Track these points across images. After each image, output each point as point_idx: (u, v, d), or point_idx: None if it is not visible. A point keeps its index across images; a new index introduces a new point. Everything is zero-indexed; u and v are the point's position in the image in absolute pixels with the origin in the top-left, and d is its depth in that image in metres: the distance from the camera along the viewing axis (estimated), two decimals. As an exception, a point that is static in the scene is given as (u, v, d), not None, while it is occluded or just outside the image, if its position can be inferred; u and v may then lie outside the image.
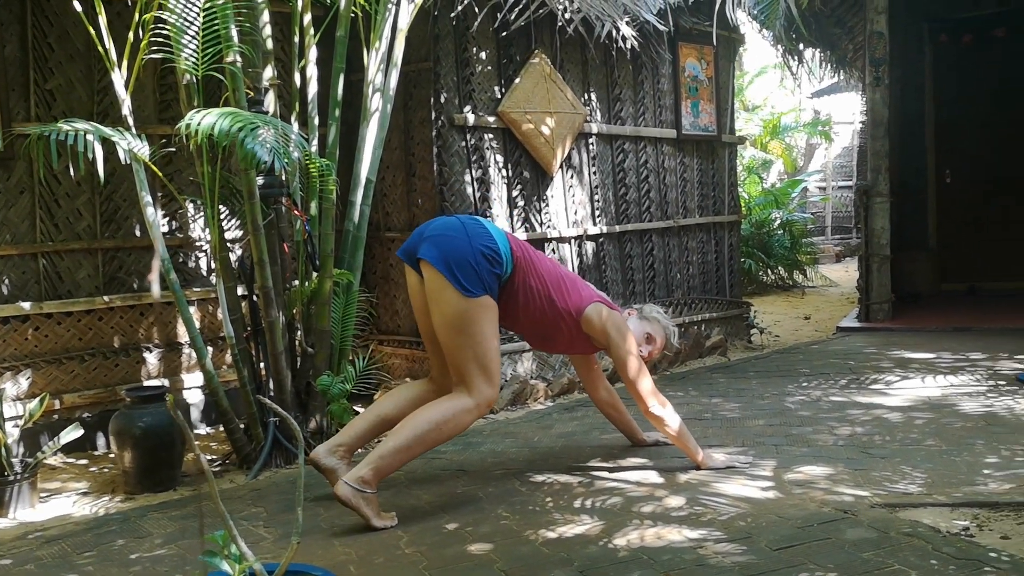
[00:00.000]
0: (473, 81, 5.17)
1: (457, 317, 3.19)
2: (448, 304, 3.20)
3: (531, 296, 3.40)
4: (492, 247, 3.26)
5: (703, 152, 6.74)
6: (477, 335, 3.20)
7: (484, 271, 3.22)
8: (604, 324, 3.47)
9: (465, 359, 3.21)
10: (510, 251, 3.33)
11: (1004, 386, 4.82)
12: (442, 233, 3.29)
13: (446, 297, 3.20)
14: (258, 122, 3.45)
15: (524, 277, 3.37)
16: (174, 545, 3.06)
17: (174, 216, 4.83)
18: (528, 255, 3.42)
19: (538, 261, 3.46)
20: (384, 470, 3.15)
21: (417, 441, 3.17)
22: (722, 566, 2.55)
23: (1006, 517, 2.86)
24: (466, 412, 3.22)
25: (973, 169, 9.07)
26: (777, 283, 11.22)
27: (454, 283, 3.17)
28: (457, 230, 3.29)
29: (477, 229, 3.30)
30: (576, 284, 3.57)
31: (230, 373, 4.59)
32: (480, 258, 3.22)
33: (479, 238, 3.26)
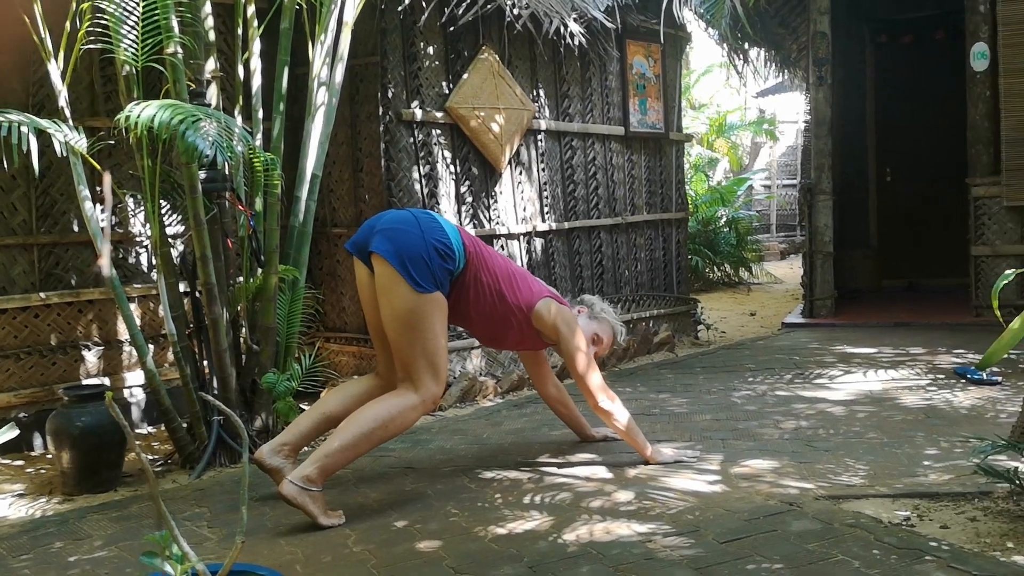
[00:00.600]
0: (421, 76, 5.13)
1: (408, 312, 3.16)
2: (399, 299, 3.16)
3: (482, 291, 3.38)
4: (445, 242, 3.24)
5: (651, 149, 6.78)
6: (427, 331, 3.18)
7: (436, 266, 3.19)
8: (554, 320, 3.46)
9: (414, 355, 3.18)
10: (463, 246, 3.31)
11: (943, 380, 4.92)
12: (394, 226, 3.25)
13: (398, 292, 3.16)
14: (200, 115, 3.38)
15: (476, 272, 3.35)
16: (114, 547, 2.99)
17: (113, 211, 4.71)
18: (480, 250, 3.40)
19: (489, 257, 3.44)
20: (330, 468, 3.11)
21: (363, 438, 3.13)
22: (671, 559, 2.56)
23: (945, 507, 2.92)
24: (412, 409, 3.20)
25: (912, 168, 9.28)
26: (723, 280, 11.35)
27: (406, 278, 3.14)
28: (410, 223, 3.25)
29: (430, 223, 3.27)
30: (527, 280, 3.56)
31: (172, 371, 4.49)
32: (433, 253, 3.19)
33: (432, 232, 3.23)
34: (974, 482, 3.07)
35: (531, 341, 3.60)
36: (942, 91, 8.58)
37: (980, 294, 6.80)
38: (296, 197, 4.31)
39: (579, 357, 3.47)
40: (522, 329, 3.50)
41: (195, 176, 3.78)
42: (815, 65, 7.49)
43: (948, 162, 8.40)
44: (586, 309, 3.75)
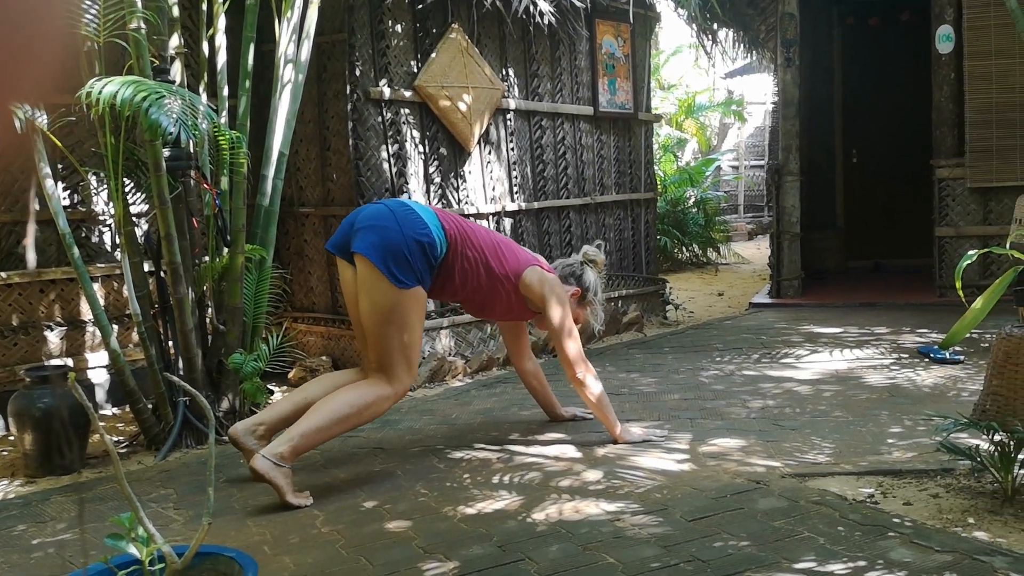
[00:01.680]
0: (389, 54, 5.08)
1: (388, 308, 3.20)
2: (380, 294, 3.20)
3: (469, 267, 3.41)
4: (425, 232, 3.26)
5: (620, 130, 6.78)
6: (405, 326, 3.22)
7: (418, 260, 3.23)
8: (541, 288, 3.52)
9: (390, 348, 3.22)
10: (443, 230, 3.32)
11: (907, 359, 4.99)
12: (373, 224, 3.26)
13: (379, 288, 3.20)
14: (163, 91, 3.33)
15: (460, 251, 3.38)
16: (78, 529, 2.95)
17: (76, 189, 4.63)
18: (461, 228, 3.42)
19: (472, 232, 3.47)
20: (301, 448, 3.11)
21: (336, 422, 3.15)
22: (639, 538, 2.58)
23: (908, 484, 2.96)
24: (384, 399, 3.24)
25: (879, 149, 9.37)
26: (692, 260, 11.40)
27: (388, 275, 3.17)
28: (388, 219, 3.26)
29: (408, 216, 3.28)
30: (512, 249, 3.60)
31: (137, 352, 4.44)
32: (414, 246, 3.22)
33: (411, 226, 3.24)
34: (936, 459, 3.12)
35: (519, 309, 3.63)
36: (908, 73, 8.65)
37: (944, 274, 6.89)
38: (263, 176, 4.26)
39: (564, 324, 3.51)
40: (510, 298, 3.54)
41: (159, 154, 3.72)
42: (783, 46, 7.51)
43: (914, 144, 8.49)
44: (576, 290, 3.74)
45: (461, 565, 2.46)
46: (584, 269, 3.80)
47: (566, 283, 3.72)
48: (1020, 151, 6.63)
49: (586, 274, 3.79)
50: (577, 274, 3.78)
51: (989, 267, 6.66)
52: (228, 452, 3.77)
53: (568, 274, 3.77)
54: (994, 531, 2.54)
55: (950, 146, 7.01)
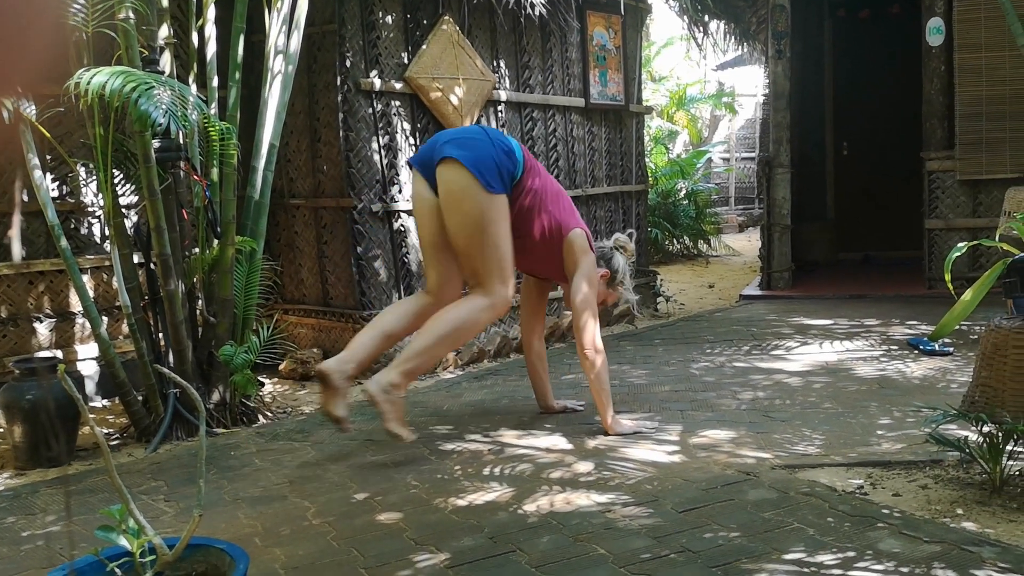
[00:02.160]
0: (380, 45, 5.06)
1: (481, 215, 3.32)
2: (471, 202, 3.33)
3: (529, 202, 3.52)
4: (510, 148, 3.45)
5: (611, 121, 6.77)
6: (497, 235, 3.36)
7: (504, 169, 3.38)
8: (581, 254, 3.61)
9: (486, 259, 3.36)
10: (522, 154, 3.49)
11: (896, 351, 5.01)
12: (463, 136, 3.48)
13: (470, 194, 3.32)
14: (153, 82, 3.31)
15: (529, 183, 3.51)
16: (67, 521, 2.94)
17: (64, 180, 4.61)
18: (535, 164, 3.60)
19: (542, 172, 3.63)
20: (413, 372, 3.31)
21: (440, 342, 3.33)
22: (630, 529, 2.59)
23: (898, 475, 2.98)
24: (483, 310, 3.39)
25: (869, 142, 9.39)
26: (682, 252, 11.42)
27: (480, 179, 3.30)
28: (477, 132, 3.50)
29: (495, 132, 3.53)
30: (570, 206, 3.73)
31: (127, 344, 4.43)
32: (501, 155, 3.39)
33: (499, 139, 3.47)
34: (925, 451, 3.14)
35: (555, 265, 3.70)
36: (898, 65, 8.67)
37: (933, 266, 6.92)
38: (253, 167, 4.24)
39: (585, 298, 3.57)
40: (552, 250, 3.62)
41: (148, 145, 3.70)
42: (774, 38, 7.51)
43: (904, 136, 8.52)
44: (606, 272, 3.82)
45: (452, 556, 2.46)
46: (614, 254, 3.90)
47: (600, 263, 3.81)
48: (1010, 143, 6.65)
49: (615, 258, 3.88)
50: (607, 257, 3.88)
51: (978, 259, 6.69)
52: (219, 444, 3.77)
53: (599, 256, 3.84)
54: (982, 521, 2.56)
55: (940, 138, 7.03)
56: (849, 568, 2.27)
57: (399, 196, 5.13)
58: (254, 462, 3.51)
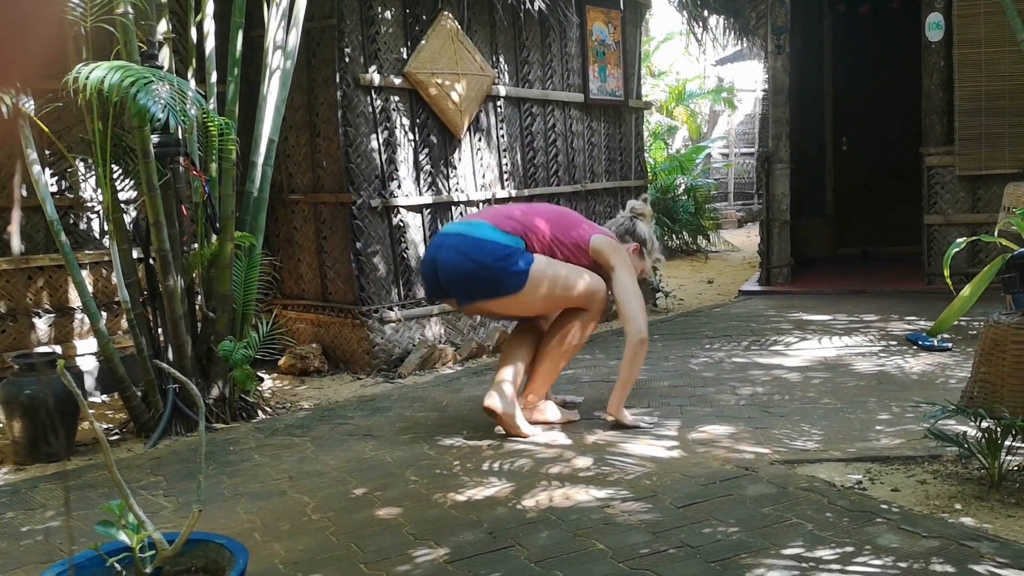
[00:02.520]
0: (379, 40, 5.05)
1: (530, 299, 3.54)
2: (518, 303, 3.55)
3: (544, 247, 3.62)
4: (497, 252, 3.48)
5: (610, 117, 6.77)
6: (553, 285, 3.53)
7: (510, 261, 3.47)
8: (611, 254, 3.68)
9: (568, 301, 3.60)
10: (508, 233, 3.53)
11: (895, 346, 5.01)
12: (456, 277, 3.55)
13: (515, 302, 3.54)
14: (151, 77, 3.31)
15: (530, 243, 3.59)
16: (68, 516, 2.95)
17: (63, 176, 4.60)
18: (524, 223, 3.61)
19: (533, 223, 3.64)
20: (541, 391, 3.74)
21: (560, 361, 3.71)
22: (629, 524, 2.59)
23: (896, 471, 2.98)
24: (588, 322, 3.67)
25: (868, 137, 9.38)
26: (682, 248, 11.41)
27: (508, 291, 3.48)
28: (465, 265, 3.51)
29: (474, 246, 3.50)
30: (574, 222, 3.77)
31: (126, 339, 4.43)
32: (499, 260, 3.47)
33: (481, 253, 3.48)
34: (924, 446, 3.14)
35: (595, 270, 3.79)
36: (898, 61, 8.66)
37: (932, 262, 6.92)
38: (252, 163, 4.24)
39: (629, 288, 3.67)
40: (582, 263, 3.68)
41: (147, 140, 3.70)
42: (774, 33, 7.50)
43: (903, 132, 8.51)
44: (635, 245, 3.88)
45: (451, 551, 2.47)
46: (635, 223, 3.93)
47: (623, 241, 3.85)
48: (1009, 139, 6.65)
49: (638, 227, 3.92)
50: (631, 229, 3.91)
51: (977, 255, 6.69)
52: (218, 439, 3.78)
53: (623, 232, 3.88)
54: (981, 517, 2.56)
55: (939, 134, 7.03)
56: (848, 563, 2.27)
57: (398, 192, 5.12)
58: (253, 457, 3.51)
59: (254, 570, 2.36)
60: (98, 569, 1.89)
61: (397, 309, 5.11)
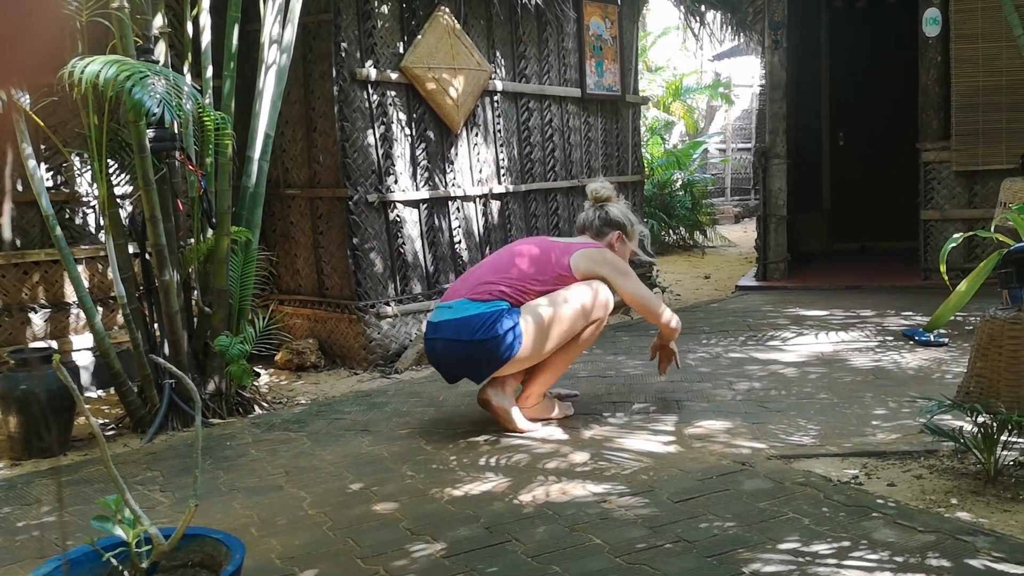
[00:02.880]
0: (375, 35, 5.04)
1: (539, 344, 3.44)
2: (532, 352, 3.45)
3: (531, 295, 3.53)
4: (482, 326, 3.39)
5: (607, 112, 6.76)
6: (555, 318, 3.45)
7: (500, 327, 3.37)
8: (596, 268, 3.58)
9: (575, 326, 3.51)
10: (487, 303, 3.44)
11: (891, 341, 5.02)
12: (459, 361, 3.50)
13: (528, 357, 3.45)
14: (147, 71, 3.30)
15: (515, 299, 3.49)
16: (65, 512, 2.94)
17: (59, 170, 4.59)
18: (501, 285, 3.49)
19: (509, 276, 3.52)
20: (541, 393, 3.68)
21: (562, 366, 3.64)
22: (625, 519, 2.59)
23: (892, 466, 2.98)
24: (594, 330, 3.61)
25: (865, 132, 9.38)
26: (679, 243, 11.41)
27: (504, 360, 3.39)
28: (456, 348, 3.45)
29: (458, 326, 3.42)
30: (547, 253, 3.60)
31: (122, 334, 4.42)
32: (486, 344, 3.37)
33: (471, 332, 3.39)
34: (920, 441, 3.14)
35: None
36: (895, 56, 8.66)
37: (929, 257, 6.92)
38: (248, 157, 4.23)
39: (629, 290, 3.63)
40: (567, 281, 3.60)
41: (143, 134, 3.69)
42: (771, 29, 7.50)
43: (900, 127, 8.51)
44: (616, 233, 3.78)
45: (448, 547, 2.46)
46: (605, 210, 3.80)
47: (602, 235, 3.76)
48: (1006, 134, 6.65)
49: (611, 212, 3.80)
50: (605, 219, 3.79)
51: (974, 250, 6.69)
52: (214, 434, 3.77)
53: (599, 226, 3.78)
54: (976, 511, 2.56)
55: (936, 129, 7.03)
56: (844, 558, 2.27)
57: (395, 187, 5.12)
58: (250, 452, 3.51)
59: (251, 565, 2.36)
60: (94, 564, 1.89)
61: (394, 304, 5.10)
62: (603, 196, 3.84)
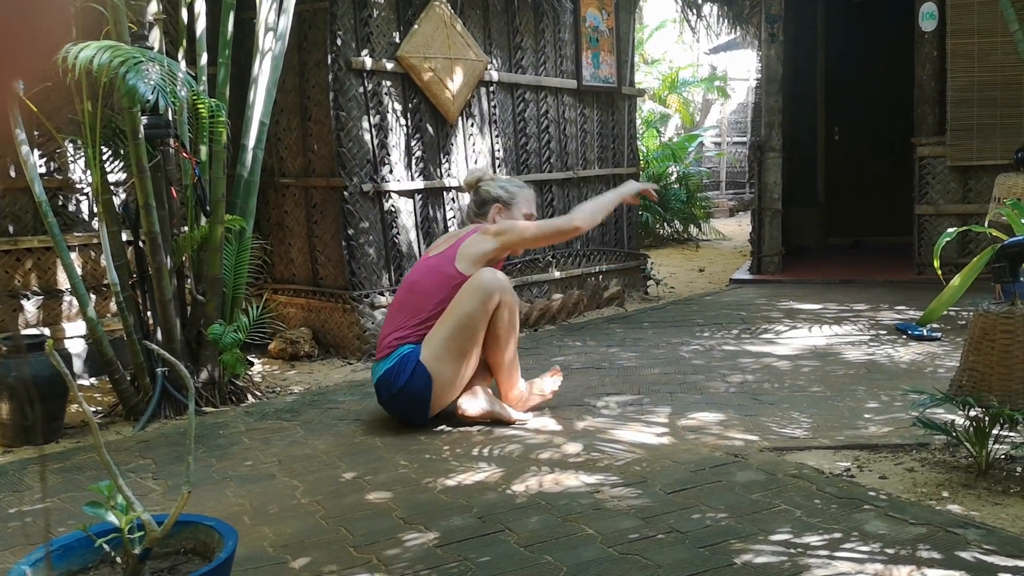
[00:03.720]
0: (371, 24, 5.02)
1: (451, 366, 3.41)
2: (450, 374, 3.43)
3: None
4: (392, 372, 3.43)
5: (603, 104, 6.75)
6: (453, 333, 3.40)
7: (407, 370, 3.40)
8: (483, 249, 3.52)
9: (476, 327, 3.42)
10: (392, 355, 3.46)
11: (885, 335, 5.03)
12: (401, 413, 3.55)
13: (448, 380, 3.43)
14: (141, 57, 3.28)
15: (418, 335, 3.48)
16: (56, 498, 2.94)
17: (52, 157, 4.57)
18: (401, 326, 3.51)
19: (404, 312, 3.54)
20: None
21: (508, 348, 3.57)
22: (618, 509, 2.60)
23: (884, 458, 2.99)
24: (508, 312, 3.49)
25: (860, 126, 9.39)
26: (673, 236, 11.42)
27: (427, 384, 3.39)
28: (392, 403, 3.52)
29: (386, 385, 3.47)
30: (434, 270, 3.56)
31: (115, 322, 4.41)
32: (401, 376, 3.41)
33: (392, 384, 3.44)
34: (912, 434, 3.15)
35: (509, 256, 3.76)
36: (891, 50, 8.66)
37: (923, 252, 6.94)
38: (243, 146, 4.22)
39: (515, 235, 3.58)
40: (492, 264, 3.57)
41: (137, 121, 3.68)
42: (767, 22, 7.50)
43: (895, 121, 8.52)
44: (496, 207, 3.70)
45: (441, 536, 2.47)
46: (478, 194, 3.78)
47: (483, 216, 3.71)
48: (1000, 130, 6.66)
49: (481, 191, 3.76)
50: (477, 200, 3.77)
51: (968, 245, 6.71)
52: (207, 423, 3.77)
53: (476, 209, 3.75)
54: (968, 504, 2.57)
55: (931, 124, 7.03)
56: (835, 549, 2.28)
57: (390, 176, 5.11)
58: (243, 441, 3.50)
59: (243, 553, 2.35)
60: (87, 550, 1.89)
61: (388, 294, 5.09)
62: (473, 180, 3.82)
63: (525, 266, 5.95)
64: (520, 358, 3.73)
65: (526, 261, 5.94)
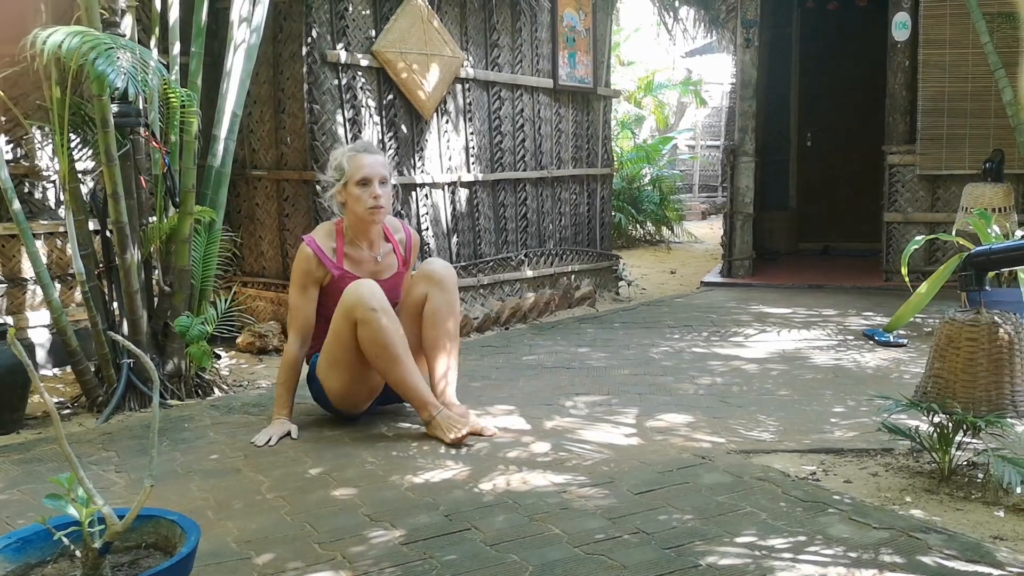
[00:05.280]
0: (347, 17, 4.99)
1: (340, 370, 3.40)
2: (333, 391, 3.48)
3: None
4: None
5: (579, 104, 6.76)
6: (330, 345, 3.40)
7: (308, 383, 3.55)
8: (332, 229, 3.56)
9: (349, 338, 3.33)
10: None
11: (852, 341, 5.08)
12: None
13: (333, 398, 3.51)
14: (112, 43, 3.23)
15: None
16: (16, 490, 2.89)
17: (19, 143, 4.50)
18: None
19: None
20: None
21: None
22: (585, 509, 2.60)
23: (849, 463, 3.02)
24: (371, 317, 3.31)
25: (831, 133, 9.49)
26: (645, 238, 11.46)
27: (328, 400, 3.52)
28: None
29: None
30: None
31: (80, 312, 4.34)
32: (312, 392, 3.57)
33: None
34: (877, 439, 3.18)
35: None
36: (864, 59, 8.75)
37: (891, 259, 7.01)
38: (214, 136, 4.17)
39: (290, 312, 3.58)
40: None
41: (107, 109, 3.62)
42: (743, 27, 7.54)
43: (867, 129, 8.60)
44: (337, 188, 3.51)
45: (407, 533, 2.45)
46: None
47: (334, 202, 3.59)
48: (969, 140, 6.75)
49: (324, 178, 3.68)
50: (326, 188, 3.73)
51: (935, 253, 6.79)
52: (172, 416, 3.72)
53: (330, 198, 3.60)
54: (930, 509, 2.60)
55: (902, 133, 7.11)
56: (800, 552, 2.29)
57: (363, 171, 5.07)
58: (208, 435, 3.46)
59: (206, 548, 2.33)
60: (45, 543, 1.86)
61: (359, 290, 5.06)
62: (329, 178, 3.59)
63: (497, 264, 5.94)
64: (491, 356, 3.70)
65: (498, 260, 5.93)
